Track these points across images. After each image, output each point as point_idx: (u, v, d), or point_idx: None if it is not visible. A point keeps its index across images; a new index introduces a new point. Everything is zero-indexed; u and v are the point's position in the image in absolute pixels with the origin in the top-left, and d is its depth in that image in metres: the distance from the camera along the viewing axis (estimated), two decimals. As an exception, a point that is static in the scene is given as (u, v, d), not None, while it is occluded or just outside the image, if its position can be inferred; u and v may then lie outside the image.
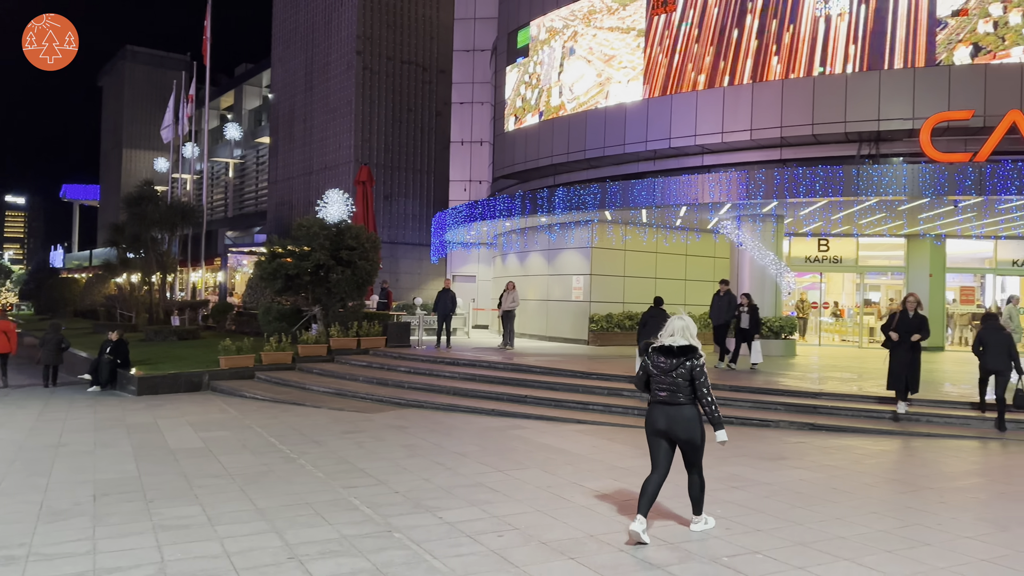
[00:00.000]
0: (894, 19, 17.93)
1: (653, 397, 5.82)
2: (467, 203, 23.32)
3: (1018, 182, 14.71)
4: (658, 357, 5.75)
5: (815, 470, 8.11)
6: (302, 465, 8.10)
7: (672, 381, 5.65)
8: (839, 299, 25.68)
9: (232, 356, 15.86)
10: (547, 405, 12.13)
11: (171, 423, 10.95)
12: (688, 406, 5.66)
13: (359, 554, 5.27)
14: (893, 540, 5.71)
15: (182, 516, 6.18)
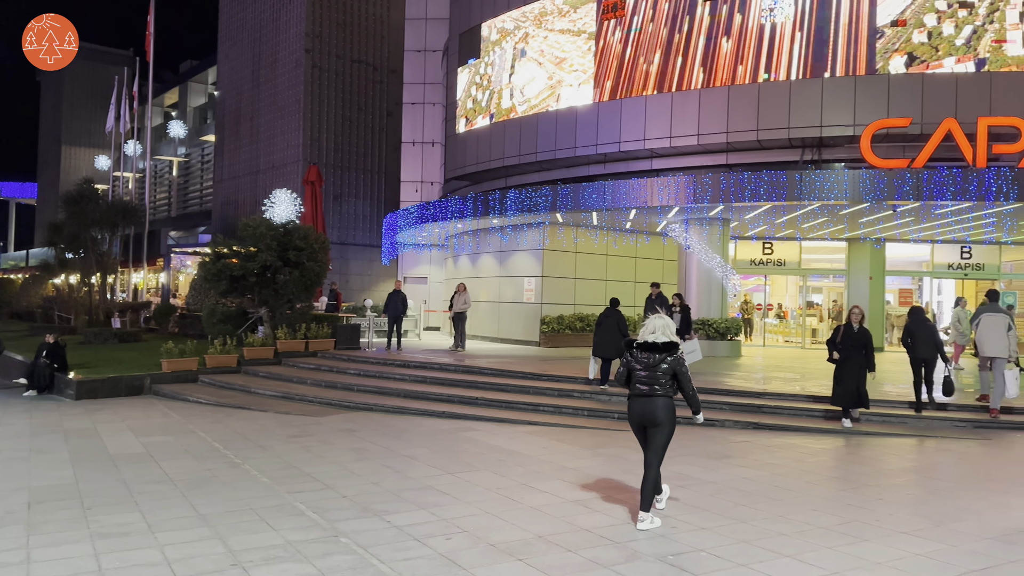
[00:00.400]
0: (836, 28, 18.43)
1: (633, 390, 6.23)
2: (419, 204, 23.21)
3: (953, 188, 15.26)
4: (641, 353, 6.18)
5: (759, 468, 8.28)
6: (247, 470, 7.95)
7: (653, 375, 6.10)
8: (783, 301, 26.29)
9: (175, 359, 15.48)
10: (498, 407, 12.13)
11: (111, 428, 10.63)
12: (663, 398, 6.11)
13: (304, 560, 5.19)
14: (833, 536, 5.86)
15: (121, 523, 6.00)
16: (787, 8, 18.87)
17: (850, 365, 10.60)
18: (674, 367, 6.12)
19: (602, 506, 6.63)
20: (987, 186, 15.11)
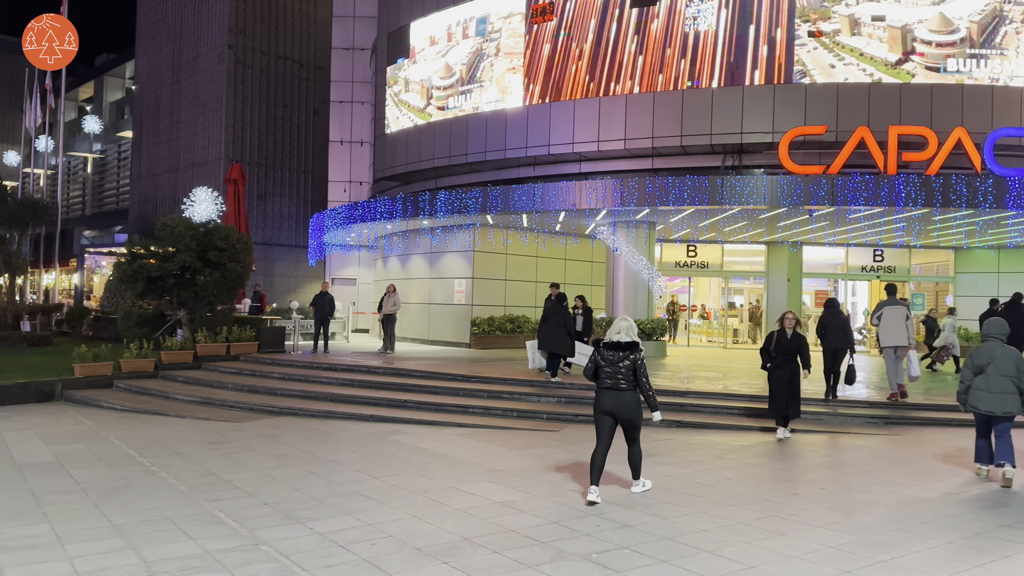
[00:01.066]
0: (756, 37, 19.03)
1: (600, 384, 6.97)
2: (347, 204, 22.88)
3: (866, 194, 15.94)
4: (607, 351, 6.93)
5: (681, 466, 8.47)
6: (163, 478, 7.68)
7: (618, 371, 6.83)
8: (706, 302, 26.98)
9: (88, 364, 14.83)
10: (427, 409, 12.06)
11: (18, 436, 10.11)
12: (630, 391, 6.87)
13: (223, 569, 5.04)
14: (751, 531, 6.04)
15: (28, 536, 5.72)
16: (709, 17, 19.39)
17: (783, 375, 10.01)
18: (635, 364, 6.84)
19: (529, 506, 6.67)
20: (897, 192, 15.85)
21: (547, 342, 13.35)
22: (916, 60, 18.50)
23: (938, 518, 6.48)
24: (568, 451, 9.19)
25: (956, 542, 5.81)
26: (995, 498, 7.24)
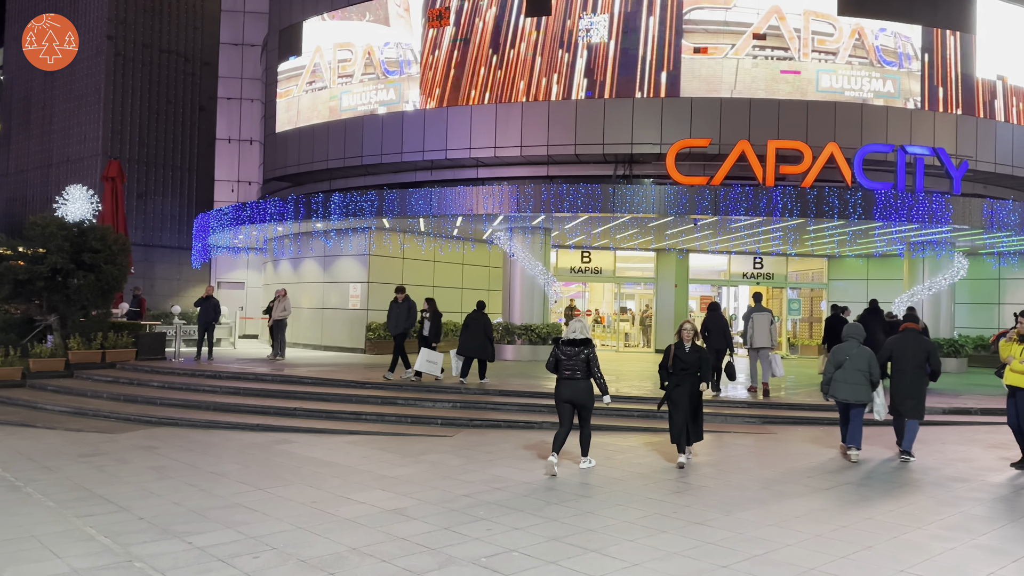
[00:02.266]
0: (645, 50, 19.68)
1: (560, 375, 8.34)
2: (234, 205, 22.08)
3: (746, 204, 16.75)
4: (565, 347, 8.34)
5: (566, 466, 8.61)
6: (29, 494, 7.17)
7: (575, 363, 8.25)
8: (600, 307, 27.63)
9: (-57, 373, 13.67)
10: (318, 417, 11.78)
11: None
12: (584, 380, 8.28)
13: (91, 591, 4.75)
14: (636, 530, 6.22)
15: None
16: (602, 30, 19.90)
17: (682, 395, 8.81)
18: (588, 357, 8.29)
19: (421, 513, 6.62)
20: (774, 203, 16.73)
21: (468, 348, 13.71)
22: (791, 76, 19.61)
23: (808, 512, 6.87)
24: (462, 456, 9.18)
25: (825, 535, 6.16)
26: (861, 493, 7.74)
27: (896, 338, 9.77)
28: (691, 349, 8.86)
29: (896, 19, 20.17)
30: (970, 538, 6.09)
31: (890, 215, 16.84)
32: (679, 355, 8.86)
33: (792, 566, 5.39)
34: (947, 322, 20.29)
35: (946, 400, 13.45)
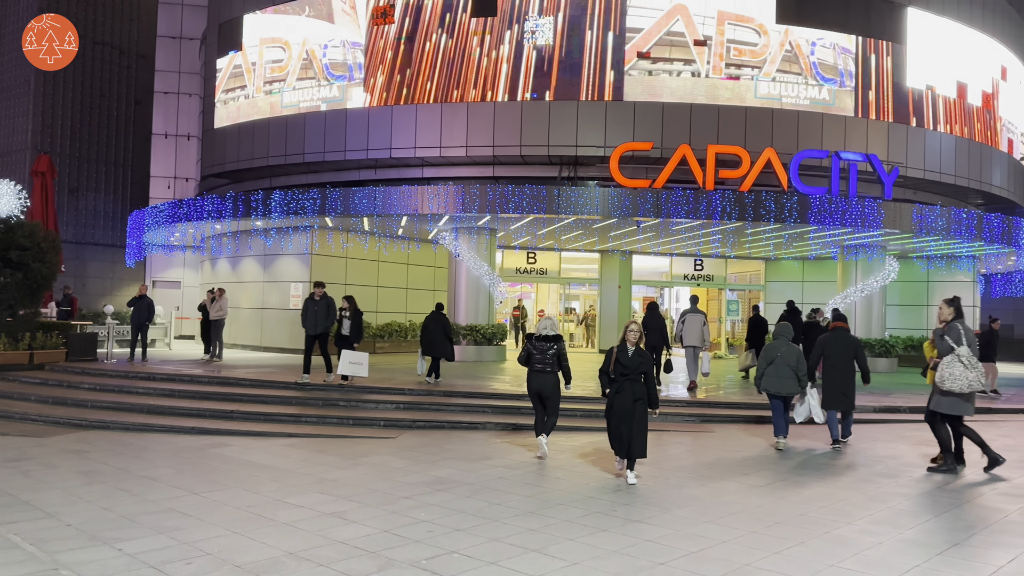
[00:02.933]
0: (590, 54, 19.87)
1: (532, 368, 9.09)
2: (171, 202, 21.50)
3: (686, 207, 17.05)
4: (537, 343, 9.04)
5: (514, 468, 8.64)
6: (-55, 503, 6.84)
7: (545, 358, 9.01)
8: (546, 307, 27.77)
9: None
10: (256, 420, 11.54)
11: None
12: (552, 375, 9.05)
13: (11, 602, 4.56)
14: (576, 529, 6.26)
15: None
16: (547, 32, 20.02)
17: (623, 403, 7.90)
18: (558, 352, 9.03)
19: (360, 516, 6.54)
20: (714, 206, 17.07)
21: (430, 347, 14.18)
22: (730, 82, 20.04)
23: (744, 509, 7.02)
24: (405, 458, 9.11)
25: (759, 531, 6.30)
26: (795, 490, 7.95)
27: (826, 336, 10.31)
28: (634, 353, 8.02)
29: (832, 29, 20.81)
30: (897, 532, 6.30)
31: (824, 219, 17.34)
32: (621, 359, 8.06)
33: (727, 562, 5.50)
34: (879, 323, 21.00)
35: (876, 399, 13.92)
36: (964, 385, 8.26)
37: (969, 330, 8.51)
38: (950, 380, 8.32)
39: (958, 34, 22.71)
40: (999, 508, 7.17)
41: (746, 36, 20.20)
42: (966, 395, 8.41)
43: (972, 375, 8.26)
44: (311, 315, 13.54)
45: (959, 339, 8.38)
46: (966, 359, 8.29)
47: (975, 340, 8.59)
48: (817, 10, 20.77)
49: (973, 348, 8.41)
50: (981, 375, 8.33)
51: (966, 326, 8.54)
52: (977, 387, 8.31)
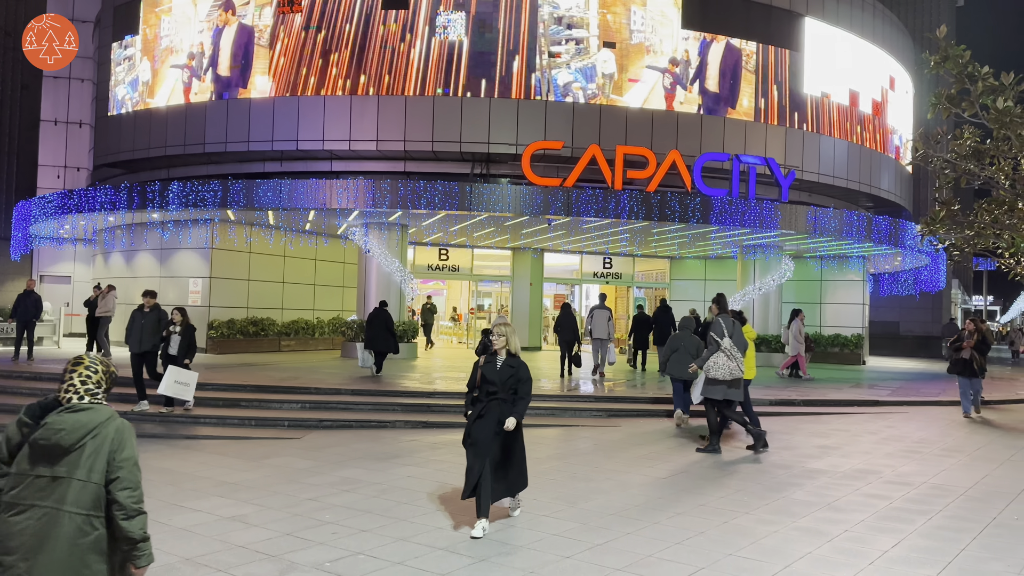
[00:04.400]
0: (503, 51, 19.91)
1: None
2: (60, 192, 20.28)
3: (596, 206, 17.32)
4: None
5: (423, 466, 8.57)
6: None
7: None
8: (458, 305, 27.71)
9: None
10: (151, 421, 11.04)
11: None
12: None
13: None
14: (484, 525, 6.25)
15: None
16: (459, 27, 19.94)
17: (485, 430, 6.18)
18: None
19: (262, 520, 6.34)
20: (622, 206, 17.41)
21: (373, 341, 15.01)
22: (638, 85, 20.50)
23: (647, 501, 7.19)
24: (310, 458, 8.90)
25: (662, 523, 6.47)
26: (695, 481, 8.19)
27: None
28: (504, 364, 6.27)
29: (734, 35, 21.55)
30: (792, 521, 6.58)
31: (725, 219, 17.96)
32: (487, 373, 6.24)
33: (631, 554, 5.61)
34: (775, 320, 21.92)
35: (772, 392, 14.53)
36: (727, 373, 9.30)
37: (733, 324, 9.58)
38: (714, 369, 9.34)
39: (851, 44, 23.94)
40: (884, 495, 7.60)
41: (651, 41, 20.68)
42: (730, 382, 9.38)
43: (733, 364, 9.30)
44: (136, 330, 11.32)
45: (721, 333, 9.40)
46: (728, 350, 9.32)
47: (739, 332, 9.58)
48: (720, 17, 21.48)
49: (736, 340, 9.42)
50: (740, 363, 9.37)
51: (728, 321, 9.56)
52: (738, 374, 9.33)
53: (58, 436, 3.16)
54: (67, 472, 3.15)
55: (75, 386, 3.30)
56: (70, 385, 3.30)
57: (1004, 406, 15.22)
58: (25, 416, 3.25)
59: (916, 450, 9.99)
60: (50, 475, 3.15)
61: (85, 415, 3.23)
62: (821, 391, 15.26)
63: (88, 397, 3.30)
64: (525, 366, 6.36)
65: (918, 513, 6.88)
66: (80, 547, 3.14)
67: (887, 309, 35.20)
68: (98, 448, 3.20)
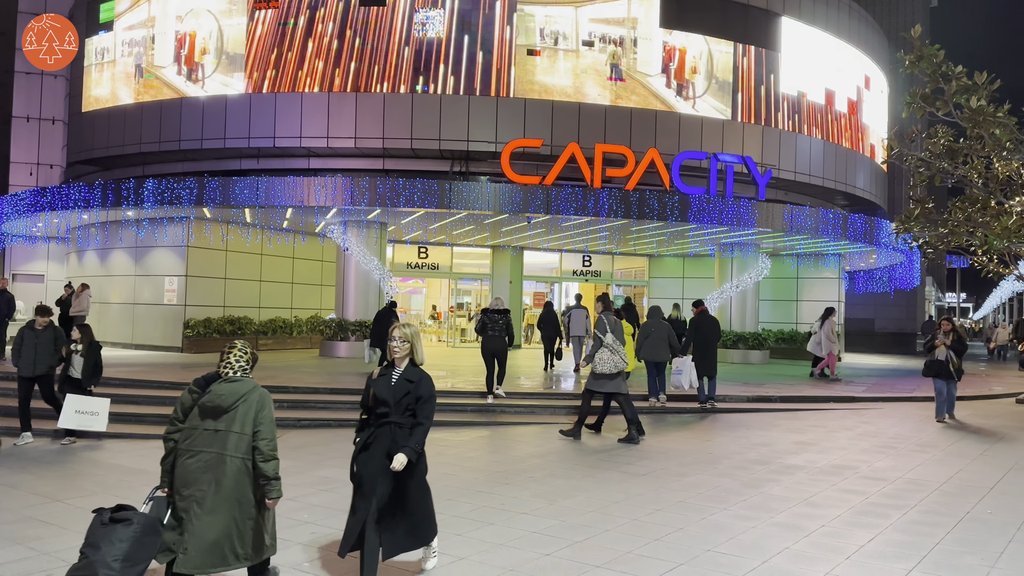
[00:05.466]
0: (483, 49, 19.87)
1: (485, 335, 12.28)
2: (33, 189, 19.99)
3: (575, 204, 17.36)
4: (492, 314, 12.26)
5: (403, 465, 8.53)
6: None
7: (496, 326, 12.24)
8: (438, 303, 27.64)
9: None
10: (127, 421, 10.89)
11: None
12: (500, 338, 12.30)
13: None
14: (463, 523, 6.25)
15: None
16: (438, 25, 19.87)
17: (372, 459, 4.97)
18: (506, 322, 12.33)
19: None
20: (601, 204, 17.46)
21: (380, 339, 15.20)
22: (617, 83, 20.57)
23: (627, 498, 7.21)
24: (288, 458, 8.78)
25: (641, 519, 6.49)
26: (675, 478, 8.24)
27: (696, 319, 13.16)
28: (400, 379, 4.90)
29: (711, 34, 21.68)
30: (769, 517, 6.64)
31: (703, 218, 18.08)
32: (378, 390, 4.91)
33: (610, 550, 5.63)
34: (752, 317, 22.11)
35: (750, 389, 14.65)
36: (612, 367, 9.92)
37: (616, 322, 10.25)
38: (600, 364, 9.95)
39: (827, 44, 24.17)
40: (860, 491, 7.68)
41: (630, 39, 20.73)
42: (613, 375, 9.99)
43: (616, 358, 9.93)
44: (28, 350, 9.81)
45: (604, 329, 10.05)
46: (611, 346, 9.96)
47: (620, 328, 10.28)
48: (698, 17, 21.59)
49: (618, 335, 10.08)
50: (624, 357, 10.00)
51: (611, 318, 10.22)
52: (622, 366, 9.97)
53: (220, 399, 4.35)
54: (226, 427, 4.33)
55: (231, 364, 4.48)
56: (227, 363, 4.48)
57: (977, 402, 15.46)
58: (194, 386, 4.45)
59: (891, 446, 10.11)
60: (214, 428, 4.32)
61: (238, 385, 4.42)
62: (798, 388, 15.41)
63: (240, 372, 4.48)
64: (429, 380, 4.95)
65: (893, 508, 6.97)
66: (240, 481, 4.34)
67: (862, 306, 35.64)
68: (247, 409, 4.37)
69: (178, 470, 4.32)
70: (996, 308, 70.81)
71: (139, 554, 4.03)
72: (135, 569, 4.02)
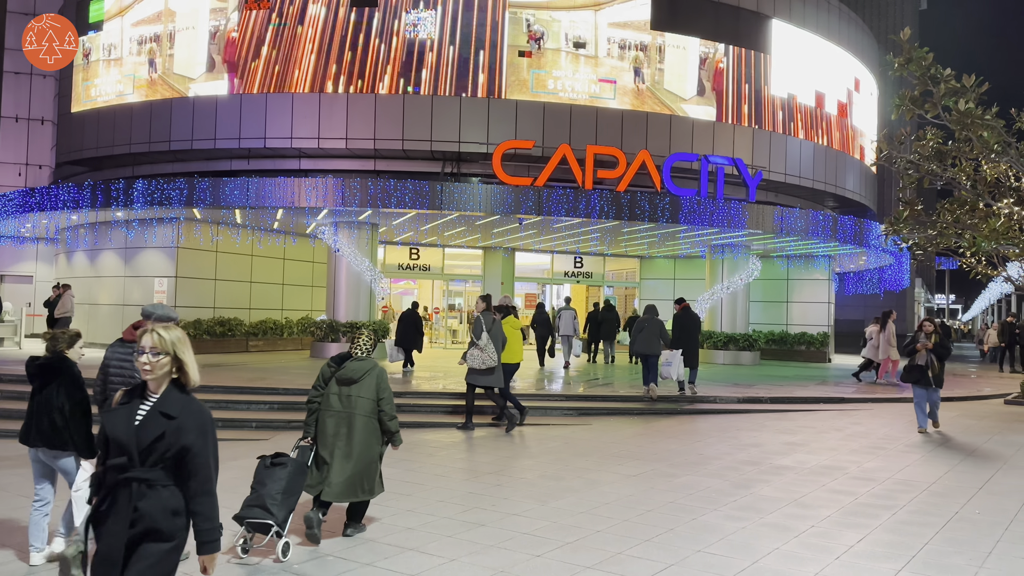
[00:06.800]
0: (473, 50, 19.87)
1: None
2: (22, 190, 19.86)
3: (567, 205, 17.36)
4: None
5: (392, 465, 8.48)
6: None
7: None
8: (429, 304, 27.58)
9: None
10: (115, 422, 10.81)
11: None
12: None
13: None
14: (454, 525, 6.23)
15: None
16: (429, 26, 19.86)
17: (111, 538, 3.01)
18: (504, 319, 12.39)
19: (227, 521, 6.23)
20: (593, 205, 17.48)
21: (404, 339, 16.14)
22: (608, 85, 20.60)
23: (618, 499, 7.21)
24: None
25: (631, 520, 6.49)
26: (664, 479, 8.24)
27: (679, 315, 14.01)
28: (152, 412, 3.15)
29: (702, 36, 21.74)
30: (759, 517, 6.65)
31: (694, 219, 18.11)
32: (112, 430, 3.10)
33: (601, 551, 5.62)
34: (743, 318, 22.17)
35: (740, 390, 14.69)
36: (480, 363, 10.65)
37: (493, 320, 10.87)
38: (471, 360, 10.73)
39: (817, 47, 24.28)
40: (850, 491, 7.71)
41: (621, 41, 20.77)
42: (484, 371, 10.67)
43: (484, 356, 10.64)
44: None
45: (480, 330, 10.73)
46: (482, 343, 10.65)
47: (499, 328, 10.92)
48: (689, 19, 21.64)
49: (492, 334, 10.76)
50: (493, 355, 10.65)
51: (489, 318, 10.88)
52: (491, 363, 10.65)
53: (351, 372, 5.90)
54: (356, 392, 5.85)
55: (360, 346, 6.02)
56: (357, 346, 6.01)
57: (966, 403, 15.54)
58: (332, 362, 5.98)
59: (880, 446, 10.15)
60: (347, 394, 5.85)
61: (364, 363, 5.96)
62: (788, 389, 15.45)
63: (365, 353, 6.00)
64: (203, 413, 3.22)
65: (883, 508, 6.99)
66: (368, 433, 5.87)
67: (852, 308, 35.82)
68: (371, 381, 5.89)
69: (320, 425, 5.85)
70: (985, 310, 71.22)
71: (293, 488, 5.48)
72: (291, 499, 5.45)
